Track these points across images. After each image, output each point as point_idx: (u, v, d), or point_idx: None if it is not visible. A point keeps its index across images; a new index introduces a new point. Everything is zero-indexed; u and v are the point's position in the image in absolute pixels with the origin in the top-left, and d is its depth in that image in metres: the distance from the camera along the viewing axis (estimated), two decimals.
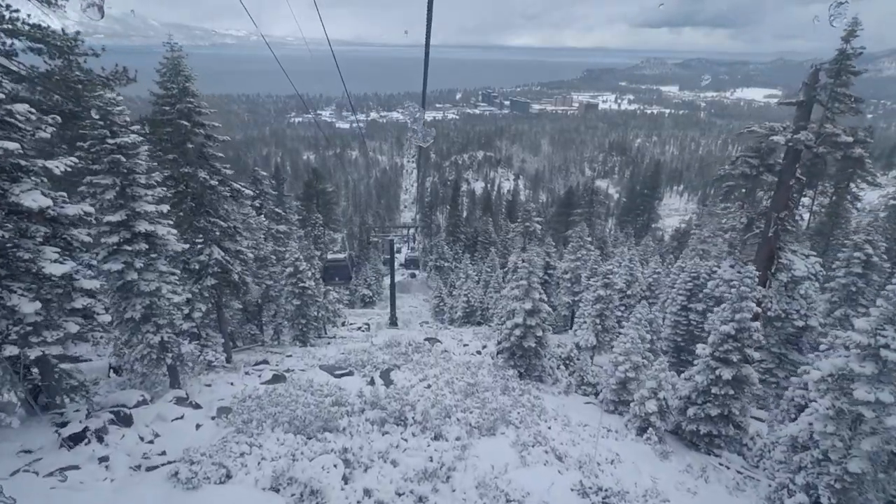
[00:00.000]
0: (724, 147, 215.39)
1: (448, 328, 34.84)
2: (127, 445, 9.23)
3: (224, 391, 12.98)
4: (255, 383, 14.12)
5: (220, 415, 11.22)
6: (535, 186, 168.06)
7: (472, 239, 61.47)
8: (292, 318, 24.84)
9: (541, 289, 18.34)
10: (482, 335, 30.56)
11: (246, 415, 10.60)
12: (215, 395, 12.69)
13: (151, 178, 10.78)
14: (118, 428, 9.67)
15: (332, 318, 29.96)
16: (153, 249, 11.03)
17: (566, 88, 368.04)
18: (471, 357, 21.99)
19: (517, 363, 18.97)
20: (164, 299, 11.04)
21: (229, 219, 15.88)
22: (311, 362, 19.04)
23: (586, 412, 16.48)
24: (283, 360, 19.91)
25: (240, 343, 24.51)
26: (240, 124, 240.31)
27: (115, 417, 9.84)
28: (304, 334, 25.18)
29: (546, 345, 18.97)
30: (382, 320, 38.75)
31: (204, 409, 11.62)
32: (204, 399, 12.27)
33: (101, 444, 8.93)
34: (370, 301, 53.54)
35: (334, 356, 20.69)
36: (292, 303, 23.87)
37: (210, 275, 15.37)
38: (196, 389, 12.87)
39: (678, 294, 25.08)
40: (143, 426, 10.01)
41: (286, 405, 10.87)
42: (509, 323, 18.44)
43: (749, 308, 14.00)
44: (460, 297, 38.12)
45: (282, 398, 11.56)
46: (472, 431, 11.83)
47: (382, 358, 18.45)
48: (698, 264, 25.03)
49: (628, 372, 16.22)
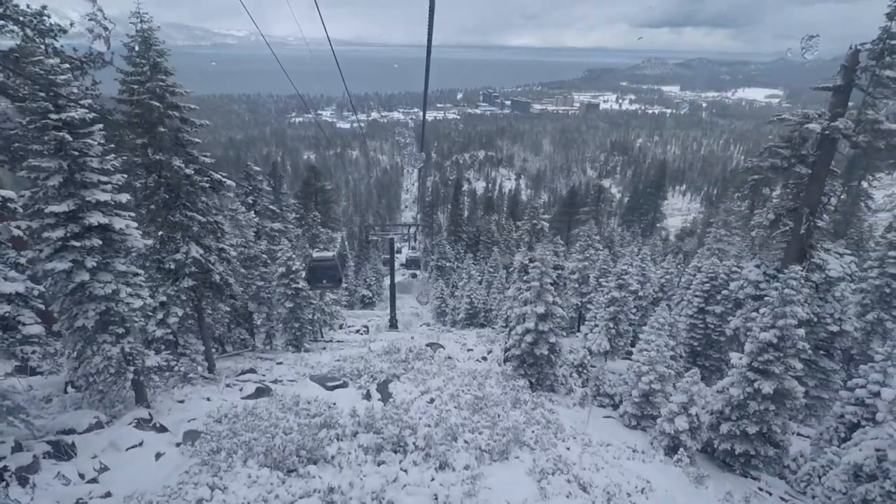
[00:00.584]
0: (726, 147, 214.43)
1: (450, 331, 33.24)
2: (57, 489, 7.47)
3: (198, 409, 11.34)
4: (235, 398, 12.49)
5: (186, 441, 9.60)
6: (537, 186, 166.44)
7: (475, 238, 59.87)
8: (285, 322, 23.24)
9: (554, 290, 16.73)
10: (486, 338, 28.96)
11: (216, 442, 8.96)
12: (187, 413, 11.05)
13: (106, 161, 9.13)
14: (54, 463, 7.99)
15: (329, 320, 28.29)
16: (109, 246, 9.41)
17: (567, 88, 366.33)
18: (476, 364, 20.40)
19: (528, 372, 17.37)
20: (123, 304, 9.41)
21: (209, 213, 14.27)
22: (303, 371, 17.43)
23: (606, 428, 14.84)
24: (272, 368, 18.30)
25: (229, 348, 22.93)
26: (240, 124, 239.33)
27: (54, 448, 8.18)
28: (298, 339, 23.58)
29: (559, 351, 17.37)
30: (382, 322, 37.14)
31: (169, 433, 9.98)
32: (172, 419, 10.62)
33: (24, 487, 7.21)
34: (370, 302, 51.95)
35: (328, 363, 19.09)
36: (285, 305, 22.28)
37: (187, 275, 13.76)
38: (166, 407, 11.23)
39: (694, 296, 23.52)
40: (89, 458, 8.38)
41: (264, 430, 9.21)
42: (519, 328, 16.83)
43: (794, 314, 12.37)
44: (463, 298, 36.52)
45: (260, 421, 9.90)
46: (482, 457, 10.21)
47: (380, 366, 16.83)
48: (716, 264, 23.44)
49: (653, 384, 14.60)
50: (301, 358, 20.34)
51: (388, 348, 20.00)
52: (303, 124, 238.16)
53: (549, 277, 16.50)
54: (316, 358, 20.54)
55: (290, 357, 20.90)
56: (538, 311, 16.28)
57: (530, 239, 24.98)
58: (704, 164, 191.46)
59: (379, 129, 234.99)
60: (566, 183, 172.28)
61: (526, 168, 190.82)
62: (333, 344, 26.03)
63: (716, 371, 23.92)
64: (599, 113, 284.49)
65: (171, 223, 13.24)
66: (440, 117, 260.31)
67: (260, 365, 19.02)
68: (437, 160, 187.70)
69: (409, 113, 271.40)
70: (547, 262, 16.42)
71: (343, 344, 25.91)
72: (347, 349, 23.51)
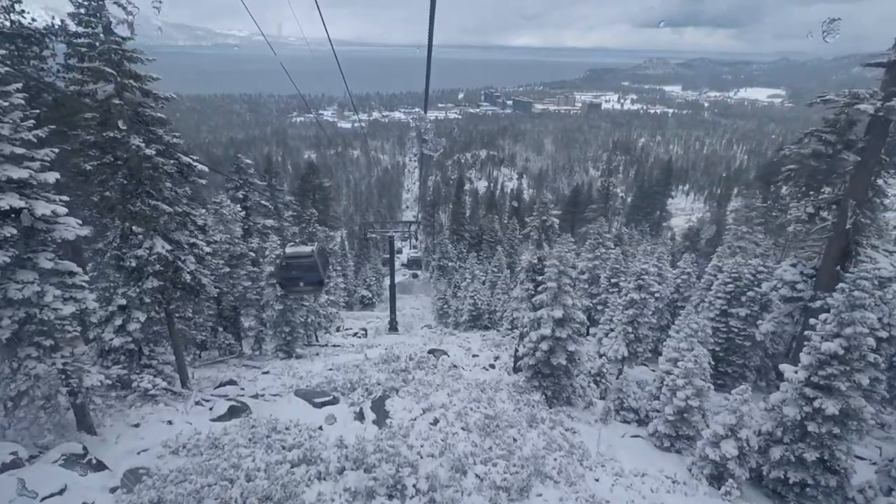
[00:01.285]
0: (729, 146, 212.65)
1: (453, 333, 31.34)
2: None
3: (154, 435, 9.41)
4: (203, 421, 10.56)
5: (125, 484, 7.64)
6: (539, 185, 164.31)
7: (477, 237, 57.86)
8: (275, 326, 21.31)
9: (573, 293, 14.81)
10: (491, 342, 27.07)
11: (158, 490, 7.02)
12: (138, 442, 9.12)
13: (21, 128, 7.20)
14: None
15: (325, 323, 26.38)
16: (31, 237, 7.49)
17: (568, 88, 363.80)
18: (483, 373, 18.51)
19: (543, 383, 15.47)
20: (50, 310, 7.49)
21: (179, 203, 12.34)
22: (290, 382, 15.52)
23: (636, 450, 12.89)
24: (256, 378, 16.40)
25: (214, 354, 21.02)
26: (241, 124, 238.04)
27: None
28: (289, 344, 21.63)
29: (579, 361, 15.43)
30: (382, 324, 35.27)
31: (107, 472, 8.00)
32: (117, 451, 8.67)
33: None
34: (369, 303, 49.99)
35: (320, 373, 17.19)
36: (274, 307, 20.37)
37: (152, 275, 11.83)
38: (114, 434, 9.29)
39: (716, 297, 21.62)
40: None
41: (222, 473, 7.27)
42: (534, 335, 14.89)
43: (864, 320, 10.43)
44: (466, 298, 34.60)
45: (219, 460, 7.93)
46: (497, 497, 8.28)
47: (377, 377, 14.91)
48: (740, 264, 21.49)
49: (690, 400, 12.65)
50: (290, 366, 18.43)
51: (387, 356, 18.11)
52: (304, 124, 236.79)
53: (568, 278, 14.60)
54: (307, 366, 18.64)
55: (279, 365, 18.99)
56: (555, 315, 14.34)
57: (539, 236, 22.97)
58: (707, 164, 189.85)
59: (380, 128, 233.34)
60: (568, 182, 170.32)
61: (528, 167, 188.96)
62: (328, 349, 24.16)
63: (739, 378, 22.04)
64: (601, 113, 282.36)
65: (132, 213, 11.31)
66: (441, 117, 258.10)
67: (243, 374, 17.11)
68: (439, 159, 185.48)
69: (410, 113, 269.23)
70: (566, 261, 14.53)
71: (339, 349, 24.05)
72: (343, 355, 21.67)
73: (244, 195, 23.57)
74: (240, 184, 23.34)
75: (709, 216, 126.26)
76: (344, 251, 63.82)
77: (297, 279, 14.15)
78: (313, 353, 22.37)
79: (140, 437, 9.34)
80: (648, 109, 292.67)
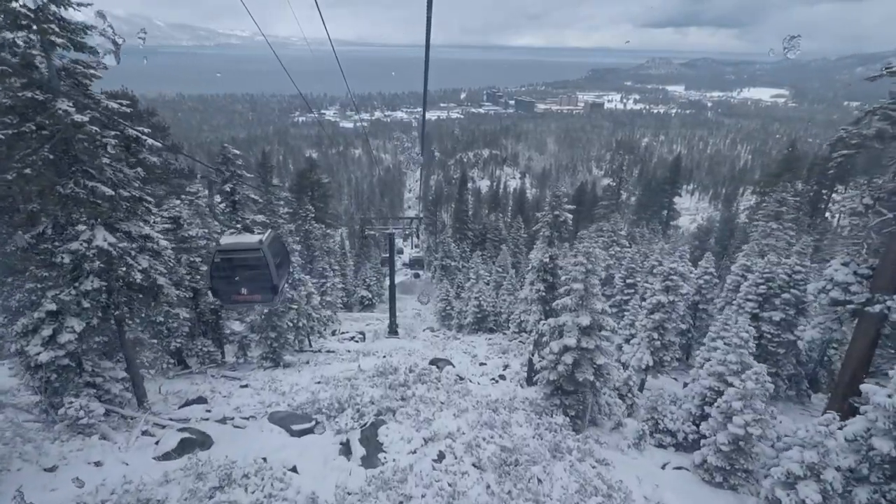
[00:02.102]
0: (733, 146, 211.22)
1: (457, 337, 29.12)
2: None
3: (66, 487, 7.07)
4: (142, 461, 8.29)
5: None
6: (542, 185, 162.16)
7: (481, 236, 55.68)
8: (259, 331, 19.19)
9: (602, 296, 12.57)
10: (498, 346, 24.86)
11: None
12: (40, 499, 6.82)
13: None
14: None
15: (319, 327, 24.20)
16: None
17: (571, 88, 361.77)
18: (493, 387, 16.27)
19: (565, 401, 13.21)
20: None
21: (128, 185, 10.11)
22: (269, 399, 13.32)
23: (684, 489, 10.60)
24: (231, 394, 14.18)
25: (193, 363, 18.77)
26: (243, 123, 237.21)
27: None
28: (276, 351, 19.41)
29: (608, 376, 13.17)
30: (382, 326, 33.12)
31: None
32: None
33: None
34: (369, 304, 47.75)
35: (306, 386, 15.01)
36: (257, 309, 18.18)
37: (92, 273, 9.61)
38: (12, 485, 6.99)
39: (746, 300, 19.39)
40: None
41: None
42: (555, 345, 12.61)
43: None
44: (470, 300, 32.37)
45: None
46: None
47: (371, 394, 12.69)
48: (773, 263, 19.23)
49: (750, 426, 10.38)
50: (273, 378, 16.21)
51: (383, 367, 15.87)
52: (305, 123, 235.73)
53: (597, 277, 12.34)
54: (293, 378, 16.42)
55: (261, 377, 16.77)
56: (581, 322, 12.07)
57: (551, 233, 20.72)
58: (712, 164, 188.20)
59: (382, 128, 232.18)
60: (571, 182, 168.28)
61: (531, 167, 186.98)
62: (321, 356, 21.97)
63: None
64: (604, 112, 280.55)
65: (62, 197, 9.08)
66: (443, 117, 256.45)
67: (219, 388, 14.87)
68: (441, 158, 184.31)
69: (412, 112, 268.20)
70: (595, 258, 12.26)
71: (332, 356, 21.84)
72: (336, 364, 19.46)
73: (231, 188, 21.36)
74: (227, 176, 21.13)
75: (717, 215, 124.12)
76: (344, 250, 61.75)
77: (237, 285, 9.00)
78: (303, 362, 20.16)
79: (50, 487, 7.07)
80: (651, 109, 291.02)
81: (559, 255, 20.86)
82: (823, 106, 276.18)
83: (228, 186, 21.08)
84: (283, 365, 19.33)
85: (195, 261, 17.48)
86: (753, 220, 43.98)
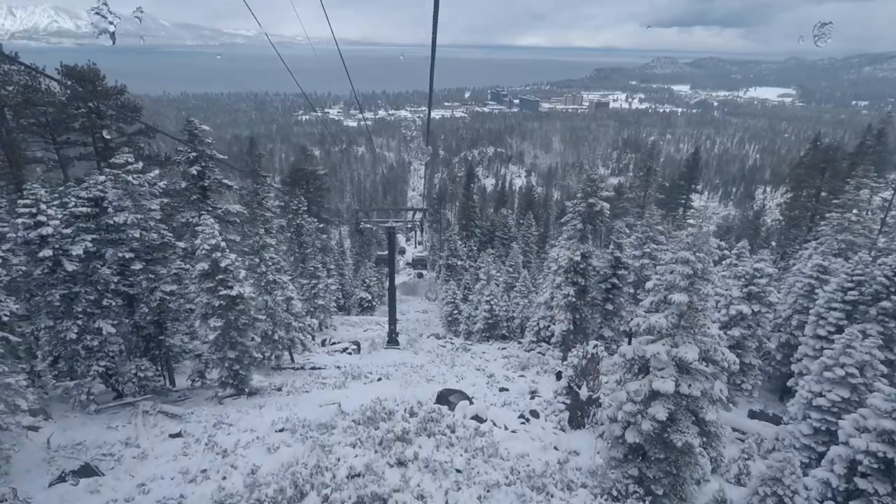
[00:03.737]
0: (741, 145, 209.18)
1: (467, 347, 26.04)
2: None
3: None
4: None
5: None
6: (548, 183, 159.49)
7: (489, 234, 52.65)
8: (216, 350, 15.17)
9: (712, 316, 9.29)
10: (516, 360, 21.75)
11: None
12: None
13: None
14: None
15: (303, 337, 20.90)
16: None
17: (576, 87, 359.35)
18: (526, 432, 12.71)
19: (648, 473, 9.48)
20: None
21: None
22: (195, 470, 10.09)
23: None
24: (145, 455, 10.81)
25: (128, 392, 14.93)
26: (247, 122, 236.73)
27: None
28: (237, 375, 15.59)
29: (718, 437, 9.51)
30: (381, 333, 30.17)
31: None
32: None
33: None
34: (369, 306, 44.74)
35: (262, 436, 11.83)
36: (210, 323, 14.45)
37: None
38: None
39: (829, 308, 15.87)
40: None
41: None
42: (632, 388, 9.08)
43: None
44: (480, 304, 29.36)
45: None
46: None
47: (349, 464, 9.48)
48: (865, 262, 15.77)
49: None
50: (221, 420, 12.87)
51: (374, 410, 12.39)
52: (309, 122, 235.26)
53: (710, 285, 9.00)
54: (248, 420, 13.13)
55: (208, 415, 13.41)
56: (685, 355, 8.49)
57: (584, 225, 17.70)
58: (720, 163, 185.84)
59: (386, 126, 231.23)
60: (578, 180, 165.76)
61: (536, 165, 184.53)
62: (300, 377, 18.66)
63: None
64: (609, 111, 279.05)
65: None
66: (448, 115, 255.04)
67: (138, 440, 11.53)
68: (445, 156, 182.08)
69: (416, 111, 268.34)
70: (706, 255, 8.82)
71: (315, 377, 18.62)
72: (314, 393, 16.11)
73: (200, 171, 18.39)
74: (193, 157, 18.17)
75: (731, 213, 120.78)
76: (342, 248, 58.79)
77: None
78: (274, 388, 16.63)
79: None
80: (657, 108, 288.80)
81: (593, 252, 17.87)
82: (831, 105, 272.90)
83: (195, 169, 18.11)
84: (247, 393, 15.72)
85: (126, 257, 14.17)
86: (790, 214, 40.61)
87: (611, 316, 18.47)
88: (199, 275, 13.61)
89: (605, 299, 18.12)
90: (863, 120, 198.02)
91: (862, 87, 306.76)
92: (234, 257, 13.80)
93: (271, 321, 17.24)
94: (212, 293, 13.78)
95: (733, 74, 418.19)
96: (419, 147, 9.63)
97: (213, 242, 13.44)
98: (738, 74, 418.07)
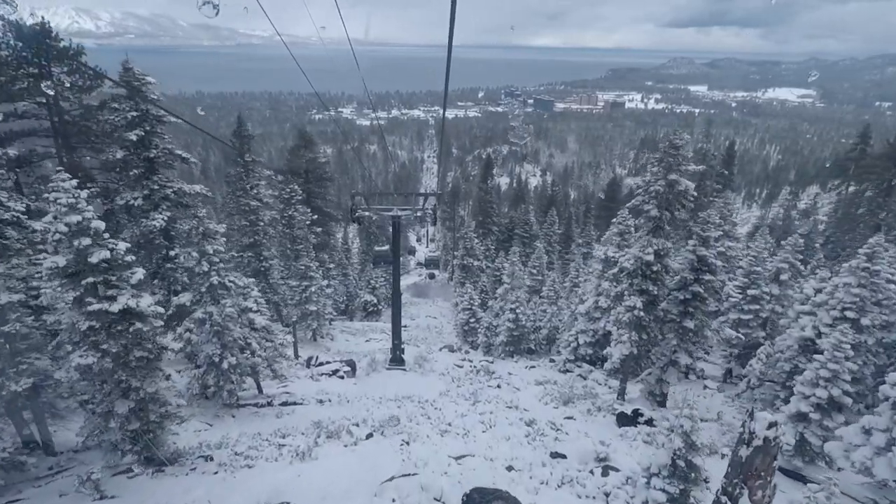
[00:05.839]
0: (762, 146, 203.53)
1: (490, 369, 21.04)
2: None
3: None
4: None
5: None
6: (564, 182, 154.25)
7: (507, 232, 47.87)
8: (98, 401, 9.65)
9: None
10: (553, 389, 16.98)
11: None
12: None
13: None
14: None
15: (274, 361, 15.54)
16: None
17: (590, 87, 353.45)
18: None
19: None
20: None
21: None
22: None
23: None
24: None
25: None
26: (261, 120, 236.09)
27: None
28: (138, 438, 9.97)
29: None
30: (383, 346, 25.57)
31: None
32: None
33: None
34: (374, 310, 39.98)
35: None
36: (72, 360, 8.83)
37: None
38: None
39: None
40: None
41: None
42: None
43: None
44: (504, 311, 24.62)
45: None
46: None
47: None
48: None
49: None
50: None
51: None
52: (322, 121, 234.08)
53: None
54: None
55: None
56: None
57: (660, 213, 12.90)
58: (742, 163, 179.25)
59: (399, 125, 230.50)
60: (594, 180, 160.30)
61: (552, 164, 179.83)
62: (246, 437, 12.14)
63: None
64: (625, 112, 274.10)
65: None
66: (461, 115, 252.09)
67: None
68: (459, 154, 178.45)
69: (429, 111, 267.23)
70: None
71: (273, 430, 12.47)
72: (256, 475, 9.73)
73: (143, 137, 13.76)
74: (134, 117, 13.62)
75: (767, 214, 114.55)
76: (347, 245, 54.34)
77: None
78: (203, 455, 10.90)
79: None
80: (674, 109, 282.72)
81: (669, 250, 13.01)
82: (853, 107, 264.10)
83: (136, 134, 13.51)
84: (154, 467, 10.13)
85: None
86: (848, 213, 36.86)
87: (690, 336, 13.64)
88: (52, 274, 8.36)
89: (682, 313, 13.30)
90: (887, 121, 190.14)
91: (886, 87, 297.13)
92: (122, 247, 8.63)
93: (217, 342, 12.26)
94: (77, 307, 8.59)
95: (752, 75, 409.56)
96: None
97: (76, 220, 8.02)
98: (757, 75, 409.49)
